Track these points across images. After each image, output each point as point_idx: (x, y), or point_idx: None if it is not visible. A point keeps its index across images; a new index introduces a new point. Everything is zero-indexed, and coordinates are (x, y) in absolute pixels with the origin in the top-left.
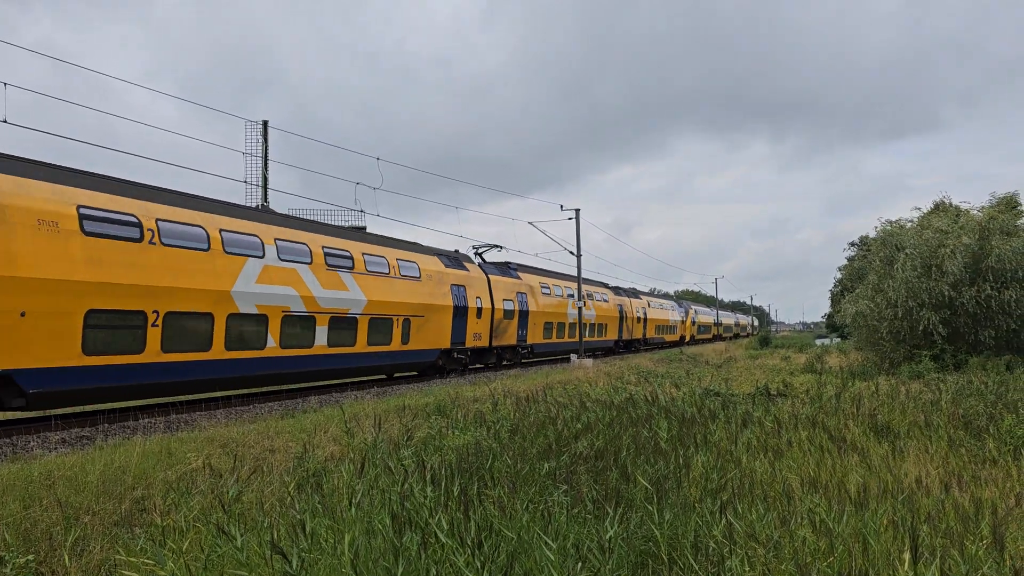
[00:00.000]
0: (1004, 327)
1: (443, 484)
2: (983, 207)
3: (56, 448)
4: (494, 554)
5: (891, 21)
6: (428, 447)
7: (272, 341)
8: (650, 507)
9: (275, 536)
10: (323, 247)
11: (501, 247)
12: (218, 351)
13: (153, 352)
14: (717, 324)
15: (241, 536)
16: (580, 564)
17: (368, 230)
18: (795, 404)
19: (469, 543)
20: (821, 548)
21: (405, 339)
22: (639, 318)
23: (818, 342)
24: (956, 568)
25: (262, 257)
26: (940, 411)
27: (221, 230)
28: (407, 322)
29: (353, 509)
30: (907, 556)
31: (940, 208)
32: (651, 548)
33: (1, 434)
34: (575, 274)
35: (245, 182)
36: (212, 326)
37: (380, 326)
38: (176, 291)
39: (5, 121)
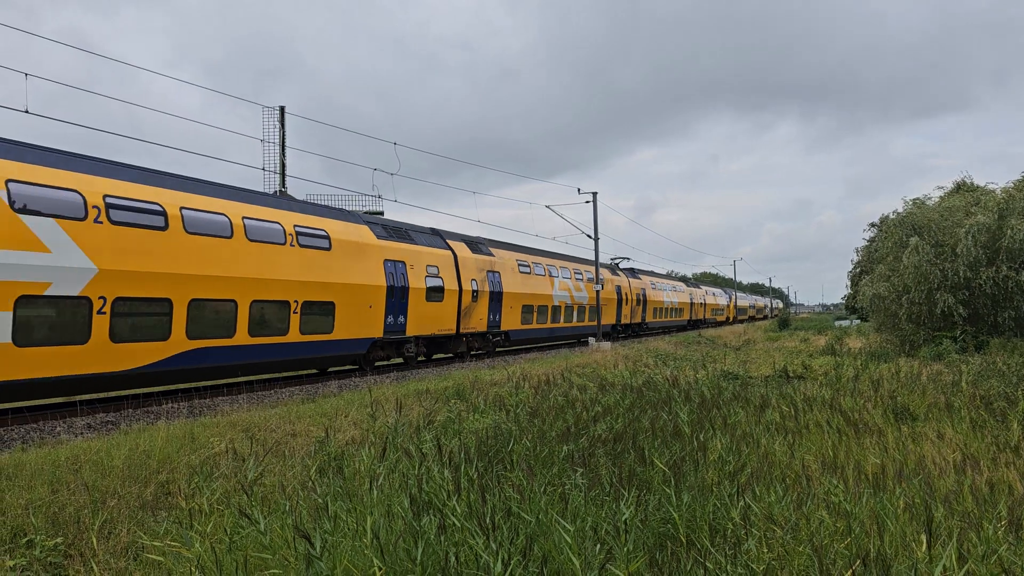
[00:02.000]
0: (1023, 308)
1: (461, 467)
2: (1003, 187)
3: (82, 433)
4: (512, 537)
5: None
6: (448, 431)
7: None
8: (668, 489)
9: (297, 519)
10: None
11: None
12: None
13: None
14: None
15: (264, 519)
16: (599, 546)
17: (386, 215)
18: (814, 386)
19: (486, 526)
20: (839, 530)
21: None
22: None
23: (838, 324)
24: (973, 550)
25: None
26: (961, 393)
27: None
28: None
29: (375, 492)
30: (923, 538)
31: (962, 188)
32: (669, 530)
33: (29, 419)
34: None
35: (263, 169)
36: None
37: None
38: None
39: (27, 111)
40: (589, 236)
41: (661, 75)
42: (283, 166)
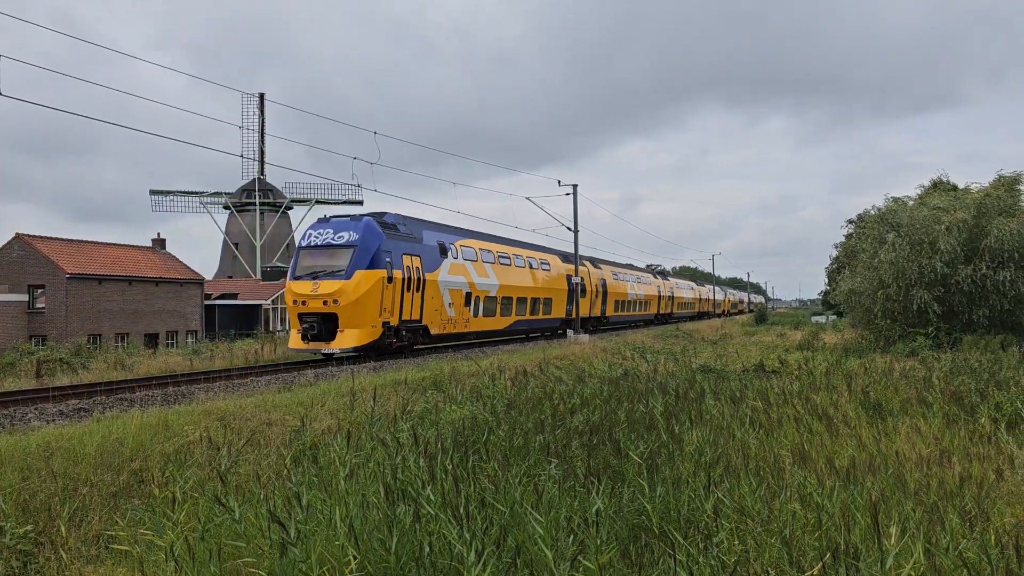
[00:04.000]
0: (999, 306)
1: (438, 457)
2: (980, 187)
3: (54, 420)
4: (486, 527)
5: None
6: (425, 421)
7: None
8: (641, 481)
9: (272, 507)
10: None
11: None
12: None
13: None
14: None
15: (239, 508)
16: (571, 537)
17: (365, 204)
18: (789, 381)
19: (460, 516)
20: (809, 523)
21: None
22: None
23: (814, 319)
24: (939, 543)
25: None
26: (932, 388)
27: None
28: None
29: (344, 482)
30: (893, 530)
31: (938, 186)
32: (644, 522)
33: None
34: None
35: (241, 156)
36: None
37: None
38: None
39: (1, 94)
40: (569, 228)
41: (659, 66)
42: (262, 153)
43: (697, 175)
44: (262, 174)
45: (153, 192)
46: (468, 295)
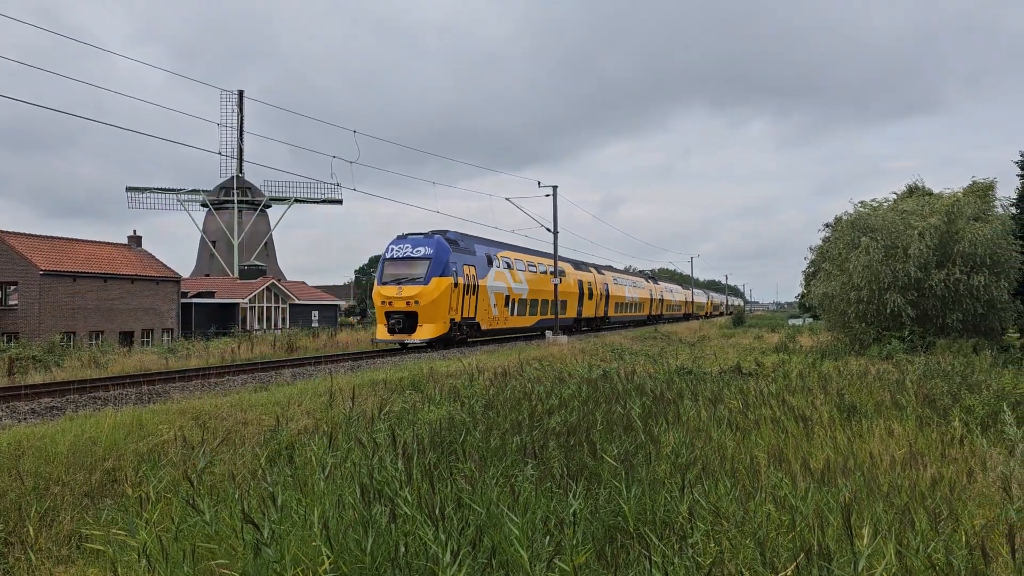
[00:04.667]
0: (972, 311)
1: (414, 458)
2: (952, 192)
3: (25, 418)
4: (462, 527)
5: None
6: (402, 421)
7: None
8: (618, 483)
9: (246, 508)
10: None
11: None
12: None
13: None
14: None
15: (211, 509)
16: (548, 538)
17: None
18: (765, 383)
19: (435, 516)
20: (784, 524)
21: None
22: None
23: (791, 322)
24: (910, 544)
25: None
26: (906, 391)
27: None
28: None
29: (322, 482)
30: (866, 532)
31: (914, 192)
32: (619, 523)
33: None
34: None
35: (220, 154)
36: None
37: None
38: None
39: None
40: (548, 230)
41: (644, 66)
42: (241, 151)
43: (679, 177)
44: (240, 172)
45: (129, 189)
46: (507, 297)
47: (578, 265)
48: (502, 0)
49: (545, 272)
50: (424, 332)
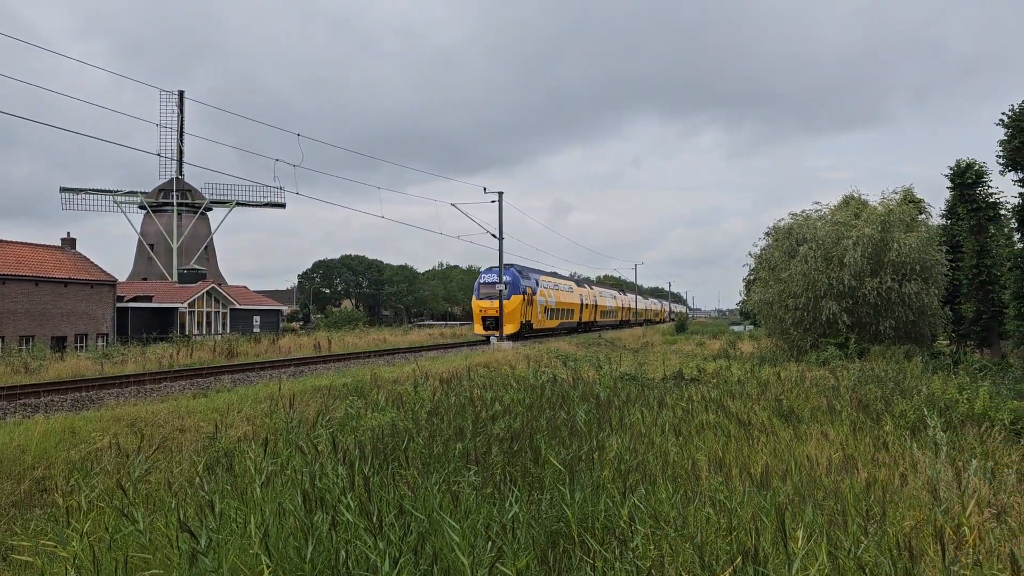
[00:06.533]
0: (904, 318)
1: (356, 464)
2: (882, 200)
3: None
4: (404, 534)
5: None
6: (345, 428)
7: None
8: (562, 488)
9: (182, 516)
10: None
11: None
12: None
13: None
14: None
15: (146, 518)
16: (489, 543)
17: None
18: (707, 389)
19: (372, 525)
20: (722, 527)
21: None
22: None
23: (732, 329)
24: (842, 545)
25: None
26: (840, 396)
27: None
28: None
29: (259, 490)
30: (800, 534)
31: (850, 202)
32: (562, 528)
33: None
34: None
35: (159, 155)
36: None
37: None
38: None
39: None
40: (493, 235)
41: (600, 73)
42: (180, 152)
43: (629, 185)
44: (180, 174)
45: (64, 190)
46: (545, 308)
47: (580, 282)
48: (460, 3)
49: (564, 289)
50: (507, 330)
